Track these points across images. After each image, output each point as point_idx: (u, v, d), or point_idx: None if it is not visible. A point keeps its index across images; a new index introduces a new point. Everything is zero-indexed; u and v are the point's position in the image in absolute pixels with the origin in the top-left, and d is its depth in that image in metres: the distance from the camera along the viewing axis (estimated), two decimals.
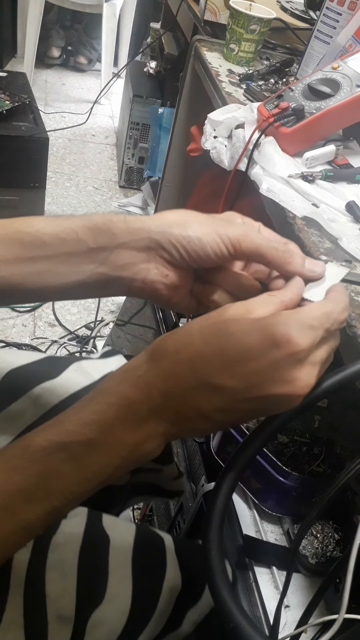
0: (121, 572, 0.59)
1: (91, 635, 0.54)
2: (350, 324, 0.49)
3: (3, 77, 1.96)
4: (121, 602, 0.57)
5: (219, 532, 0.39)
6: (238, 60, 1.04)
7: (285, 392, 0.37)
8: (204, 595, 0.65)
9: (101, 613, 0.55)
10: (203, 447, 0.86)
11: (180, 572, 0.63)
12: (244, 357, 0.37)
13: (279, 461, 0.69)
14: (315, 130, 0.72)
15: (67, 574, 0.56)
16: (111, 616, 0.56)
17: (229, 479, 0.40)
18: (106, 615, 0.56)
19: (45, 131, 1.77)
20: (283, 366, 0.37)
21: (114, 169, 2.63)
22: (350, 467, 0.43)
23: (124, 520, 0.67)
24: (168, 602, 0.61)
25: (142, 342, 1.21)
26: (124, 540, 0.62)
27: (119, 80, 3.02)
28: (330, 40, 0.90)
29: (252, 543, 0.69)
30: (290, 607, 0.64)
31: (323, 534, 0.65)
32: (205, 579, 0.64)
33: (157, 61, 2.38)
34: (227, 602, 0.37)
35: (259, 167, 0.69)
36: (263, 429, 0.40)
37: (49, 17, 3.17)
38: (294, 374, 0.37)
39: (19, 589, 0.53)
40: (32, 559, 0.55)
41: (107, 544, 0.61)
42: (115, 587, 0.58)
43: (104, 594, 0.57)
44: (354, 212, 0.63)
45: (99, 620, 0.55)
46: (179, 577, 0.63)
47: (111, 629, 0.56)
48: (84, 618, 0.54)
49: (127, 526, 0.65)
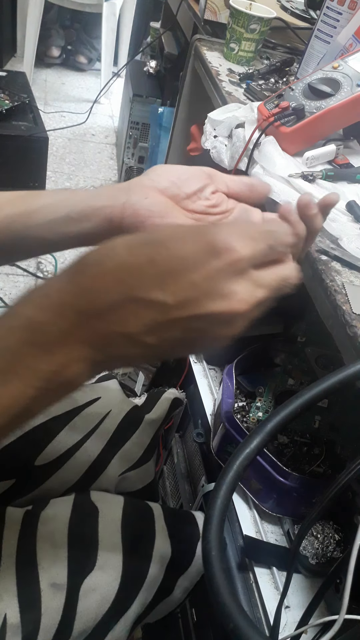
0: (111, 541, 0.59)
1: (84, 602, 0.55)
2: (351, 324, 0.49)
3: (3, 77, 1.96)
4: (112, 569, 0.58)
5: (218, 532, 0.39)
6: (238, 60, 1.04)
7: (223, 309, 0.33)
8: (194, 562, 0.65)
9: (93, 580, 0.56)
10: (203, 447, 0.86)
11: (170, 540, 0.64)
12: (178, 267, 0.33)
13: (279, 461, 0.69)
14: (316, 129, 0.72)
15: (58, 544, 0.57)
16: (103, 582, 0.57)
17: (229, 479, 0.39)
18: (98, 582, 0.56)
19: (44, 131, 1.77)
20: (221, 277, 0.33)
21: (114, 168, 2.63)
22: (350, 468, 0.42)
23: (112, 494, 0.67)
24: (159, 569, 0.62)
25: None
26: (112, 511, 0.62)
27: (118, 80, 3.02)
28: (330, 40, 0.89)
29: (252, 543, 0.69)
30: (290, 608, 0.64)
31: (323, 535, 0.65)
32: (195, 547, 0.65)
33: (157, 60, 2.38)
34: (227, 603, 0.36)
35: (259, 166, 0.69)
36: (263, 429, 0.40)
37: (49, 17, 3.17)
38: (233, 287, 0.33)
39: (11, 559, 0.54)
40: (22, 532, 0.56)
41: (96, 515, 0.61)
42: (106, 554, 0.58)
43: (95, 562, 0.57)
44: (355, 211, 0.63)
45: (91, 586, 0.56)
46: (168, 545, 0.64)
47: (104, 595, 0.56)
48: (76, 585, 0.55)
49: (115, 498, 0.65)
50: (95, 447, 0.67)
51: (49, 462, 0.65)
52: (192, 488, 0.89)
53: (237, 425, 0.74)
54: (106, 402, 0.70)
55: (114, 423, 0.69)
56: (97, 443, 0.67)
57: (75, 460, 0.66)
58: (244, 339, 0.92)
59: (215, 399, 0.89)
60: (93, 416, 0.68)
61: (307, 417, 0.77)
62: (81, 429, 0.67)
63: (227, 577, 0.36)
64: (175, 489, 0.93)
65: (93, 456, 0.67)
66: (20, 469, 0.64)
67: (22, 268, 1.91)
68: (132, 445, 0.70)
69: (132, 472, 0.70)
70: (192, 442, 0.88)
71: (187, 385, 0.95)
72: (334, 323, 0.51)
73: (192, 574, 0.66)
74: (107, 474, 0.68)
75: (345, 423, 0.77)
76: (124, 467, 0.69)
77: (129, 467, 0.69)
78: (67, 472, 0.65)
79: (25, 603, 0.52)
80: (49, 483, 0.65)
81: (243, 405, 0.83)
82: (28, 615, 0.51)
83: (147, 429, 0.72)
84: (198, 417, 0.90)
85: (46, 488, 0.65)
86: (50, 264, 1.96)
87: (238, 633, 0.34)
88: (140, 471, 0.70)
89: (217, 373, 0.96)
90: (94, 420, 0.68)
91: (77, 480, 0.66)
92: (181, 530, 0.66)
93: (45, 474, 0.65)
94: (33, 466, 0.64)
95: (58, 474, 0.65)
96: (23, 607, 0.51)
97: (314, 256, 0.56)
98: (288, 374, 0.85)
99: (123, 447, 0.69)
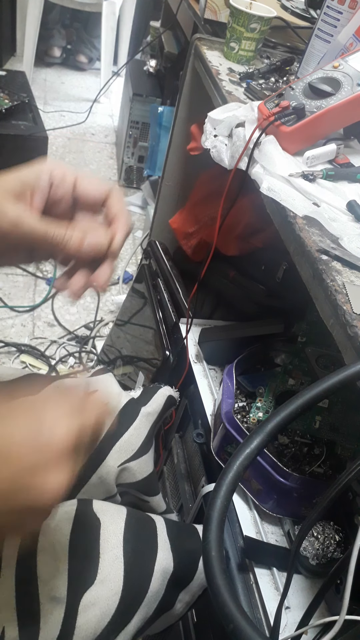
0: (112, 554, 0.59)
1: (84, 616, 0.54)
2: (351, 324, 0.48)
3: (2, 76, 1.96)
4: (113, 583, 0.57)
5: (219, 533, 0.39)
6: (238, 59, 1.03)
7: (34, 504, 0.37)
8: (196, 577, 0.65)
9: (93, 594, 0.56)
10: (203, 448, 0.85)
11: (172, 554, 0.63)
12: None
13: (279, 462, 0.68)
14: (316, 129, 0.71)
15: (59, 556, 0.56)
16: (103, 597, 0.56)
17: (229, 479, 0.39)
18: (98, 596, 0.56)
19: (44, 130, 1.77)
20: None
21: (114, 168, 2.63)
22: (351, 468, 0.42)
23: (114, 505, 0.67)
24: (160, 584, 0.62)
25: (142, 342, 1.21)
26: (114, 523, 0.62)
27: (118, 79, 3.02)
28: (330, 39, 0.89)
29: (252, 544, 0.69)
30: (290, 609, 0.64)
31: (324, 535, 0.65)
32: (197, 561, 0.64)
33: (157, 60, 2.38)
34: (228, 604, 0.36)
35: (260, 166, 0.69)
36: (263, 429, 0.40)
37: (51, 17, 3.17)
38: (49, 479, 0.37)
39: (10, 571, 0.53)
40: (23, 543, 0.56)
41: (97, 527, 0.61)
42: (107, 568, 0.58)
43: (95, 575, 0.57)
44: (355, 211, 0.63)
45: (91, 601, 0.55)
46: (170, 559, 0.63)
47: (104, 609, 0.56)
48: (76, 599, 0.55)
49: (117, 509, 0.65)
50: None
51: None
52: (192, 488, 0.89)
53: (237, 426, 0.74)
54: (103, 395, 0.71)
55: (112, 415, 0.69)
56: None
57: None
58: (244, 339, 0.92)
59: (215, 399, 0.89)
60: None
61: (308, 417, 0.77)
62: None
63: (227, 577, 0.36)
64: (175, 489, 0.93)
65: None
66: None
67: (22, 268, 1.90)
68: (130, 436, 0.70)
69: (131, 463, 0.69)
70: (192, 442, 0.88)
71: (187, 385, 0.95)
72: (335, 323, 0.51)
73: (194, 588, 0.65)
74: (107, 464, 0.67)
75: (345, 423, 0.77)
76: (122, 458, 0.69)
77: (128, 458, 0.69)
78: None
79: (24, 617, 0.51)
80: None
81: (243, 405, 0.82)
82: (26, 629, 0.51)
83: (143, 421, 0.72)
84: (198, 418, 0.89)
85: None
86: (50, 264, 1.96)
87: (238, 634, 0.34)
88: (139, 462, 0.70)
89: (217, 373, 0.96)
90: None
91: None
92: (184, 544, 0.65)
93: None
94: None
95: None
96: (22, 620, 0.51)
97: (314, 256, 0.56)
98: (288, 374, 0.85)
99: (121, 438, 0.69)
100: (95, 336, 1.73)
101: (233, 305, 1.10)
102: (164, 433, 0.99)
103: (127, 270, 2.00)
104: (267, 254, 1.03)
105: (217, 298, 1.14)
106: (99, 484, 0.68)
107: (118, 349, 1.38)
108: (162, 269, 1.19)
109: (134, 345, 1.27)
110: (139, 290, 1.29)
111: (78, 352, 1.67)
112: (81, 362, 1.64)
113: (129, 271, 2.01)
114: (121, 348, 1.36)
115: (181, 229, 1.20)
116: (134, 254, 2.11)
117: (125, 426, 0.70)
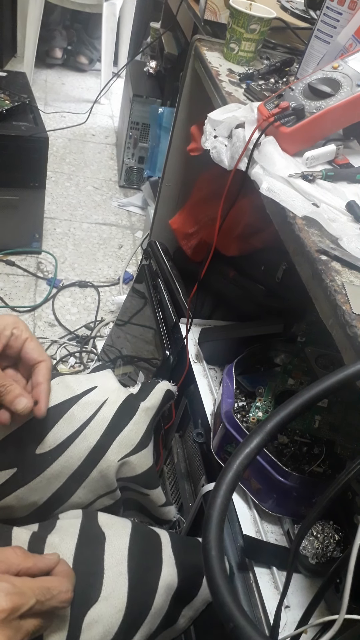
0: (117, 570, 0.59)
1: (87, 634, 0.54)
2: (351, 324, 0.49)
3: (3, 77, 1.96)
4: (117, 600, 0.57)
5: (218, 532, 0.39)
6: (238, 60, 1.04)
7: None
8: (200, 592, 0.65)
9: (97, 611, 0.55)
10: (203, 447, 0.86)
11: (177, 569, 0.63)
12: None
13: (279, 461, 0.69)
14: (316, 129, 0.72)
15: None
16: (107, 614, 0.56)
17: (229, 479, 0.39)
18: (102, 614, 0.56)
19: (45, 131, 1.77)
20: None
21: (114, 168, 2.63)
22: (350, 467, 0.42)
23: (119, 518, 0.67)
24: (164, 600, 0.61)
25: (142, 342, 1.21)
26: (119, 538, 0.62)
27: (119, 80, 3.02)
28: (330, 40, 0.90)
29: (252, 543, 0.69)
30: (290, 608, 0.64)
31: (323, 535, 0.65)
32: (202, 576, 0.64)
33: (157, 61, 2.38)
34: (227, 603, 0.36)
35: (259, 166, 0.69)
36: (263, 429, 0.40)
37: (52, 18, 3.17)
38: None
39: None
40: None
41: (102, 542, 0.61)
42: (111, 584, 0.58)
43: (99, 592, 0.57)
44: (355, 211, 0.63)
45: (94, 618, 0.55)
46: (175, 575, 0.63)
47: (107, 627, 0.56)
48: (80, 616, 0.55)
49: (123, 523, 0.65)
50: (95, 434, 0.67)
51: (50, 450, 0.65)
52: (192, 488, 0.89)
53: (237, 425, 0.74)
54: (103, 391, 0.71)
55: (112, 410, 0.70)
56: (96, 429, 0.68)
57: (75, 447, 0.66)
58: (243, 339, 0.92)
59: (215, 398, 0.89)
60: (91, 404, 0.69)
61: (307, 416, 0.77)
62: (80, 416, 0.68)
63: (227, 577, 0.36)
64: (175, 488, 0.94)
65: (93, 442, 0.67)
66: (21, 458, 0.64)
67: (23, 268, 1.91)
68: (130, 431, 0.70)
69: (131, 457, 0.69)
70: (192, 442, 0.88)
71: (187, 385, 0.95)
72: (334, 323, 0.51)
73: (198, 603, 0.65)
74: (107, 459, 0.68)
75: (345, 423, 0.77)
76: (123, 452, 0.69)
77: (128, 453, 0.69)
78: (68, 459, 0.66)
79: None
80: (50, 470, 0.65)
81: (243, 405, 0.83)
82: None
83: (143, 416, 0.73)
84: (198, 417, 0.90)
85: (47, 476, 0.65)
86: (51, 264, 1.96)
87: (238, 633, 0.34)
88: (139, 456, 0.70)
89: (217, 373, 0.96)
90: (92, 407, 0.69)
91: (78, 465, 0.66)
92: (188, 559, 0.65)
93: (46, 462, 0.65)
94: (34, 454, 0.64)
95: (59, 460, 0.65)
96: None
97: (314, 256, 0.56)
98: (288, 374, 0.85)
99: (121, 433, 0.69)
100: (95, 336, 1.73)
101: (233, 305, 1.10)
102: (164, 432, 0.99)
103: (128, 271, 2.01)
104: (266, 254, 1.04)
105: (217, 298, 1.14)
106: (99, 478, 0.68)
107: (118, 349, 1.38)
108: (162, 269, 1.19)
109: (134, 345, 1.27)
110: (139, 290, 1.29)
111: (78, 352, 1.67)
112: (82, 362, 1.64)
113: (129, 271, 2.01)
114: (121, 348, 1.36)
115: (181, 230, 1.21)
116: (134, 254, 2.11)
117: (124, 421, 0.70)
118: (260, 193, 0.66)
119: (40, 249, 1.98)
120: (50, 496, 0.67)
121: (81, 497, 0.68)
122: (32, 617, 0.45)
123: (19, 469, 0.64)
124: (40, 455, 0.65)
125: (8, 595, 0.42)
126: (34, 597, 0.45)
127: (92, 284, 1.93)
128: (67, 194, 2.36)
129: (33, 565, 0.49)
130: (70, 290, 1.90)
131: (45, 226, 2.04)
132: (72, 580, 0.51)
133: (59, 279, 1.91)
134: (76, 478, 0.67)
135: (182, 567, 0.64)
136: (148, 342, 1.16)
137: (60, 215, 2.23)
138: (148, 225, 1.83)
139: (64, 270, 1.96)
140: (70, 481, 0.67)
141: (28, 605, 0.44)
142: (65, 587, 0.49)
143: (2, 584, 0.43)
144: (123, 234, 2.24)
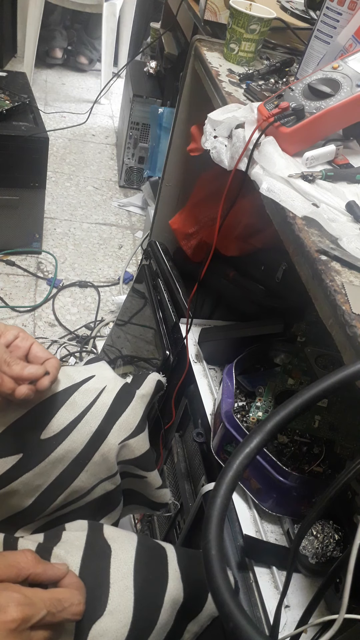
0: (123, 584, 0.59)
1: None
2: (350, 324, 0.49)
3: (3, 77, 1.96)
4: (123, 614, 0.57)
5: (218, 532, 0.39)
6: (238, 60, 1.04)
7: None
8: (206, 607, 0.64)
9: (102, 625, 0.55)
10: (203, 447, 0.86)
11: (183, 584, 0.63)
12: None
13: (279, 461, 0.69)
14: (316, 130, 0.72)
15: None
16: (113, 629, 0.56)
17: (229, 479, 0.39)
18: (107, 628, 0.55)
19: (45, 131, 1.77)
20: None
21: (114, 168, 2.63)
22: (350, 467, 0.43)
23: (125, 531, 0.67)
24: (170, 615, 0.61)
25: (142, 342, 1.21)
26: (125, 551, 0.62)
27: (119, 80, 3.02)
28: (330, 40, 0.90)
29: (252, 543, 0.69)
30: (290, 607, 0.64)
31: (323, 534, 0.65)
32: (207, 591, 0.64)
33: (157, 61, 2.38)
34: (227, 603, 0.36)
35: (259, 166, 0.69)
36: (263, 429, 0.40)
37: (52, 18, 3.17)
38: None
39: None
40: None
41: (108, 555, 0.61)
42: (117, 599, 0.57)
43: (105, 606, 0.57)
44: (354, 211, 0.63)
45: (100, 632, 0.55)
46: (180, 589, 0.63)
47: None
48: (85, 630, 0.54)
49: (128, 537, 0.65)
50: (96, 419, 0.71)
51: (54, 435, 0.68)
52: (192, 487, 0.89)
53: (237, 425, 0.75)
54: (101, 379, 0.75)
55: (111, 396, 0.73)
56: (97, 415, 0.71)
57: (78, 432, 0.69)
58: (243, 339, 0.92)
59: (215, 398, 0.89)
60: (91, 391, 0.72)
61: (307, 416, 0.77)
62: (81, 403, 0.71)
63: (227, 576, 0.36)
64: (175, 488, 0.94)
65: (94, 427, 0.70)
66: (27, 444, 0.66)
67: (23, 268, 1.91)
68: (128, 416, 0.73)
69: (130, 441, 0.73)
70: (192, 441, 0.89)
71: (187, 385, 0.95)
72: (334, 323, 0.51)
73: (203, 619, 0.65)
74: (108, 442, 0.71)
75: (344, 422, 0.78)
76: (122, 435, 0.72)
77: (127, 436, 0.72)
78: (72, 443, 0.69)
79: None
80: (55, 454, 0.67)
81: (243, 405, 0.83)
82: None
83: (139, 402, 0.76)
84: (198, 417, 0.90)
85: (52, 460, 0.67)
86: (51, 264, 1.96)
87: (238, 632, 0.34)
88: (138, 440, 0.74)
89: (217, 373, 0.96)
90: (92, 394, 0.72)
91: (81, 449, 0.69)
92: (194, 573, 0.65)
93: (50, 446, 0.67)
94: (39, 440, 0.67)
95: (63, 445, 0.68)
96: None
97: (313, 256, 0.56)
98: (287, 373, 0.85)
99: (120, 418, 0.72)
100: (95, 336, 1.73)
101: (233, 306, 1.10)
102: (164, 432, 0.99)
103: (128, 271, 2.01)
104: (266, 254, 1.04)
105: (217, 298, 1.14)
106: (101, 462, 0.70)
107: (118, 349, 1.38)
108: (162, 269, 1.20)
109: (134, 345, 1.27)
110: (139, 290, 1.29)
111: (79, 352, 1.67)
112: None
113: (129, 271, 2.01)
114: (121, 348, 1.36)
115: (181, 230, 1.21)
116: (135, 255, 2.11)
117: (123, 407, 0.74)
118: (260, 193, 0.66)
119: (40, 249, 1.98)
120: (53, 480, 0.69)
121: (83, 481, 0.70)
122: (42, 629, 0.45)
123: (24, 455, 0.66)
124: (45, 440, 0.67)
125: (19, 606, 0.42)
126: (45, 609, 0.45)
127: (92, 284, 1.93)
128: (67, 194, 2.37)
129: (43, 571, 0.49)
130: (71, 290, 1.90)
131: (45, 226, 2.04)
132: (83, 592, 0.51)
133: (59, 279, 1.91)
134: (79, 462, 0.69)
135: (188, 581, 0.64)
136: (148, 342, 1.16)
137: (61, 215, 2.23)
138: (148, 226, 1.83)
139: (64, 270, 1.97)
140: (74, 465, 0.69)
141: (39, 616, 0.44)
142: (77, 600, 0.49)
143: (14, 595, 0.43)
144: (123, 234, 2.24)
